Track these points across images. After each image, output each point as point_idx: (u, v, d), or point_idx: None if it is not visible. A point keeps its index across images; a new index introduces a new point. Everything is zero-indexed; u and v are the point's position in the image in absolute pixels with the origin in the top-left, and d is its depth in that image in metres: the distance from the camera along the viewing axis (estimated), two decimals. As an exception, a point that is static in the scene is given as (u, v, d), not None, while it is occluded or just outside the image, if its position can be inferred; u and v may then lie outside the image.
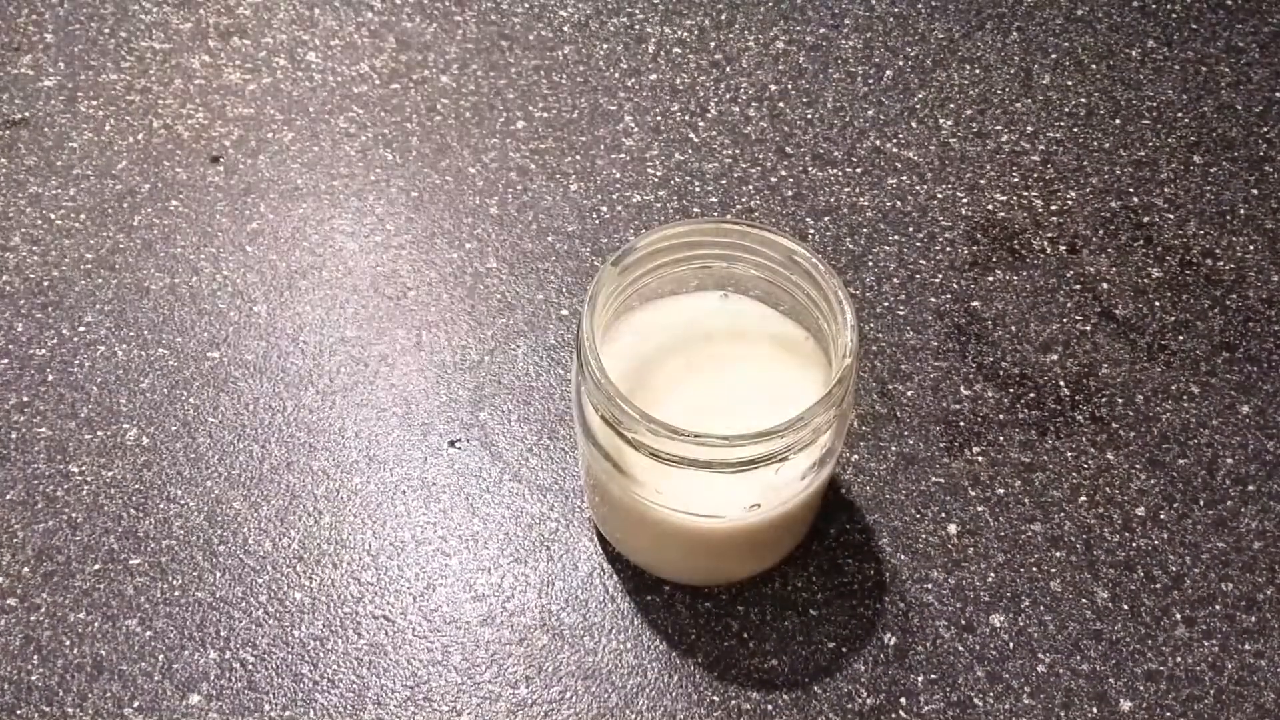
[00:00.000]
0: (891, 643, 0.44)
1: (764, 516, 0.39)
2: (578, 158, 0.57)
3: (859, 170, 0.57)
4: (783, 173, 0.57)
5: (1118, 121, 0.59)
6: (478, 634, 0.44)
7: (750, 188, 0.56)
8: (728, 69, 0.60)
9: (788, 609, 0.45)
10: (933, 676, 0.44)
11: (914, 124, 0.59)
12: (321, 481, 0.48)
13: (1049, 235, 0.55)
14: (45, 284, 0.52)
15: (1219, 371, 0.51)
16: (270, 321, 0.52)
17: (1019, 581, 0.46)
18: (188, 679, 0.43)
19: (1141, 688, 0.44)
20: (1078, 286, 0.53)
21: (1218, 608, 0.46)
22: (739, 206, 0.56)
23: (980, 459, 0.49)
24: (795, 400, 0.41)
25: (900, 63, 0.61)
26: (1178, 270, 0.54)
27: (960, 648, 0.44)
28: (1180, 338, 0.52)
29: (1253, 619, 0.45)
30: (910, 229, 0.55)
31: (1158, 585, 0.46)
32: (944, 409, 0.50)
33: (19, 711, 0.42)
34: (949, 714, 0.43)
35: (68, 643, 0.44)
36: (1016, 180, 0.57)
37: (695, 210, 0.56)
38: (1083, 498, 0.48)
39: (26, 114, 0.58)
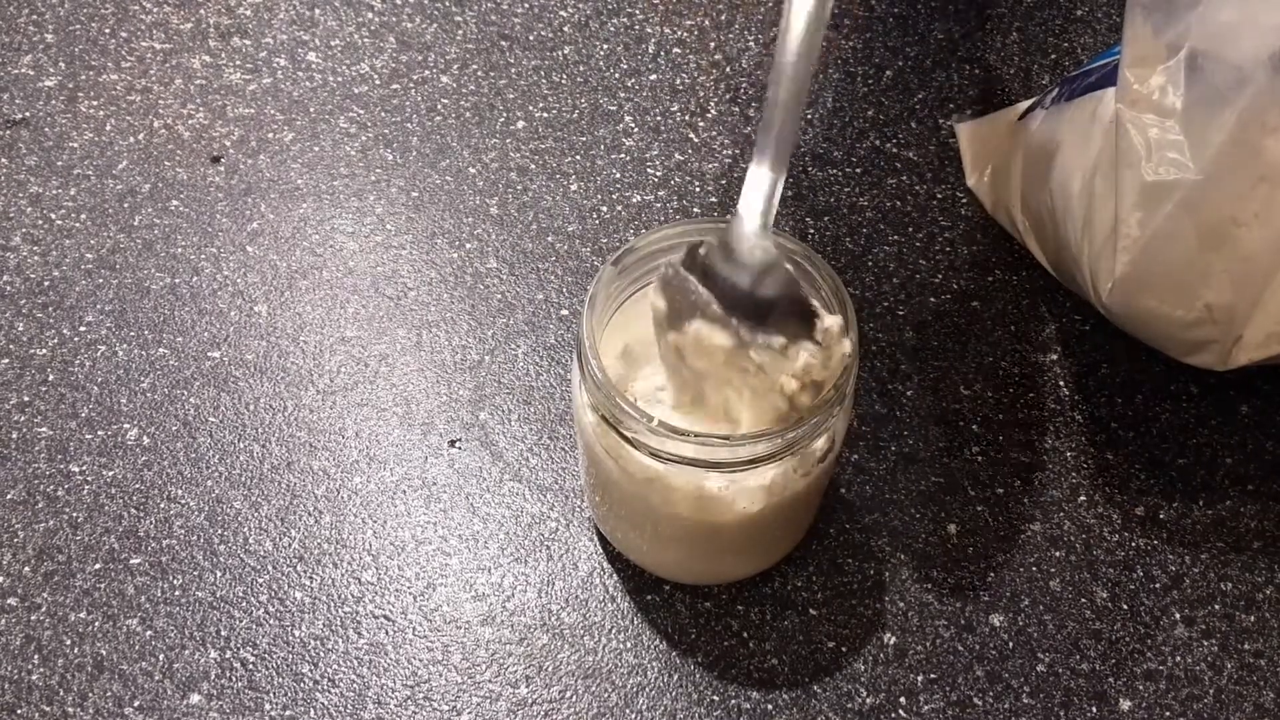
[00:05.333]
0: (891, 642, 0.45)
1: (763, 516, 0.39)
2: (578, 158, 0.57)
3: (859, 170, 0.57)
4: (783, 173, 0.57)
5: (1117, 121, 0.59)
6: (478, 633, 0.44)
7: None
8: (728, 69, 0.60)
9: (788, 609, 0.45)
10: (932, 676, 0.44)
11: (914, 124, 0.59)
12: (322, 481, 0.48)
13: (1049, 235, 0.55)
14: (46, 284, 0.52)
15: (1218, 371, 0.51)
16: (271, 321, 0.52)
17: (1018, 581, 0.46)
18: (188, 678, 0.43)
19: (1141, 687, 0.44)
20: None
21: (1217, 607, 0.46)
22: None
23: (980, 459, 0.49)
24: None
25: (900, 63, 0.61)
26: (1177, 270, 0.54)
27: (960, 647, 0.44)
28: (1180, 338, 0.52)
29: (1252, 618, 0.45)
30: (910, 229, 0.55)
31: (1157, 585, 0.46)
32: (944, 409, 0.50)
33: (19, 711, 0.42)
34: (948, 713, 0.43)
35: (68, 642, 0.44)
36: (1016, 180, 0.57)
37: (695, 210, 0.56)
38: (1082, 497, 0.48)
39: (27, 114, 0.58)
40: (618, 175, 0.56)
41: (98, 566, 0.45)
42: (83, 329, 0.51)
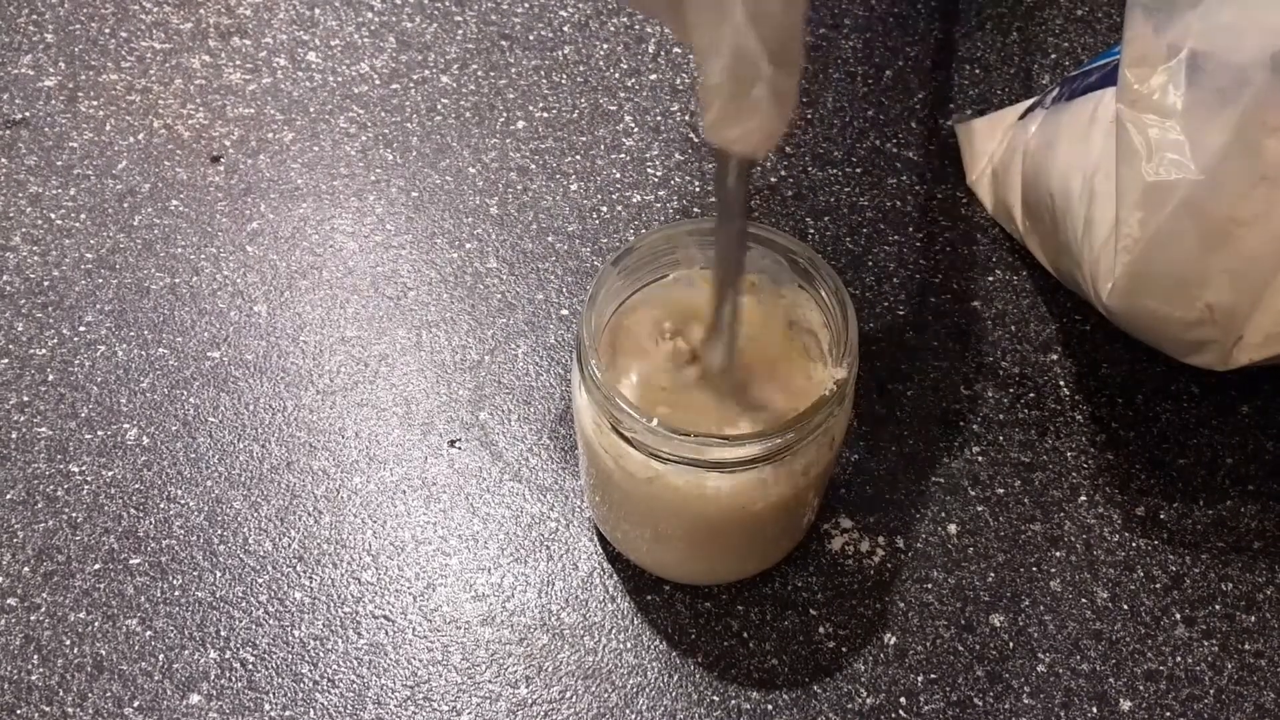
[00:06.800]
0: (891, 643, 0.44)
1: (763, 516, 0.39)
2: (578, 158, 0.57)
3: (859, 170, 0.57)
4: (783, 173, 0.57)
5: (1118, 121, 0.59)
6: (478, 634, 0.44)
7: (750, 188, 0.56)
8: (728, 69, 0.60)
9: (788, 609, 0.45)
10: (933, 676, 0.44)
11: (914, 124, 0.59)
12: (321, 481, 0.48)
13: (1049, 235, 0.55)
14: (45, 284, 0.52)
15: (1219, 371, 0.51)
16: (270, 321, 0.52)
17: (1019, 581, 0.46)
18: (188, 679, 0.43)
19: (1141, 687, 0.44)
20: (1078, 286, 0.53)
21: (1217, 607, 0.46)
22: (739, 206, 0.55)
23: (980, 459, 0.49)
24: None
25: (900, 63, 0.61)
26: (1178, 270, 0.54)
27: (960, 647, 0.44)
28: (1180, 338, 0.52)
29: (1252, 618, 0.45)
30: (910, 229, 0.55)
31: (1157, 585, 0.46)
32: (944, 409, 0.50)
33: (19, 711, 0.42)
34: (949, 714, 0.43)
35: (68, 642, 0.44)
36: (1016, 180, 0.57)
37: (695, 210, 0.56)
38: (1082, 497, 0.48)
39: (27, 114, 0.58)
40: (618, 175, 0.56)
41: (97, 566, 0.45)
42: (82, 329, 0.51)
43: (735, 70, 0.29)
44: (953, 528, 0.47)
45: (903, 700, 0.43)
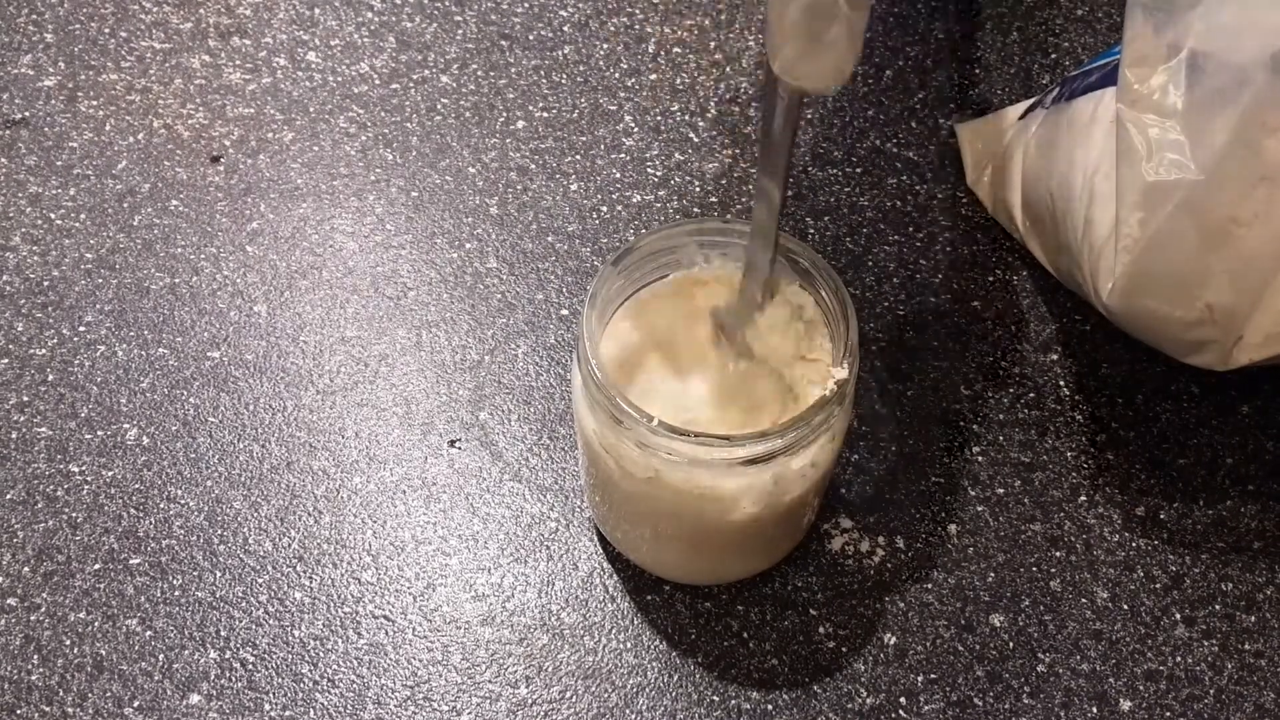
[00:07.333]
0: (891, 643, 0.44)
1: (764, 515, 0.39)
2: (578, 158, 0.57)
3: (859, 170, 0.57)
4: (783, 173, 0.57)
5: (1118, 121, 0.59)
6: (478, 634, 0.44)
7: (750, 188, 0.56)
8: (728, 69, 0.60)
9: (788, 609, 0.45)
10: (933, 676, 0.44)
11: (914, 124, 0.59)
12: (321, 481, 0.48)
13: (1049, 235, 0.55)
14: (45, 284, 0.52)
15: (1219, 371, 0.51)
16: (270, 321, 0.52)
17: (1019, 581, 0.46)
18: (188, 679, 0.43)
19: (1141, 687, 0.44)
20: (1078, 286, 0.53)
21: (1217, 607, 0.46)
22: (739, 206, 0.56)
23: (980, 459, 0.49)
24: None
25: (900, 63, 0.61)
26: (1177, 270, 0.54)
27: (960, 647, 0.44)
28: (1180, 338, 0.52)
29: (1252, 618, 0.45)
30: (910, 229, 0.55)
31: (1157, 585, 0.46)
32: (944, 409, 0.50)
33: (19, 711, 0.42)
34: (949, 714, 0.43)
35: (68, 642, 0.44)
36: (1016, 180, 0.57)
37: (695, 210, 0.56)
38: (1082, 497, 0.48)
39: (27, 114, 0.58)
40: (618, 175, 0.56)
41: (97, 566, 0.45)
42: (82, 329, 0.51)
43: (814, 10, 0.30)
44: (953, 528, 0.47)
45: (903, 700, 0.43)
